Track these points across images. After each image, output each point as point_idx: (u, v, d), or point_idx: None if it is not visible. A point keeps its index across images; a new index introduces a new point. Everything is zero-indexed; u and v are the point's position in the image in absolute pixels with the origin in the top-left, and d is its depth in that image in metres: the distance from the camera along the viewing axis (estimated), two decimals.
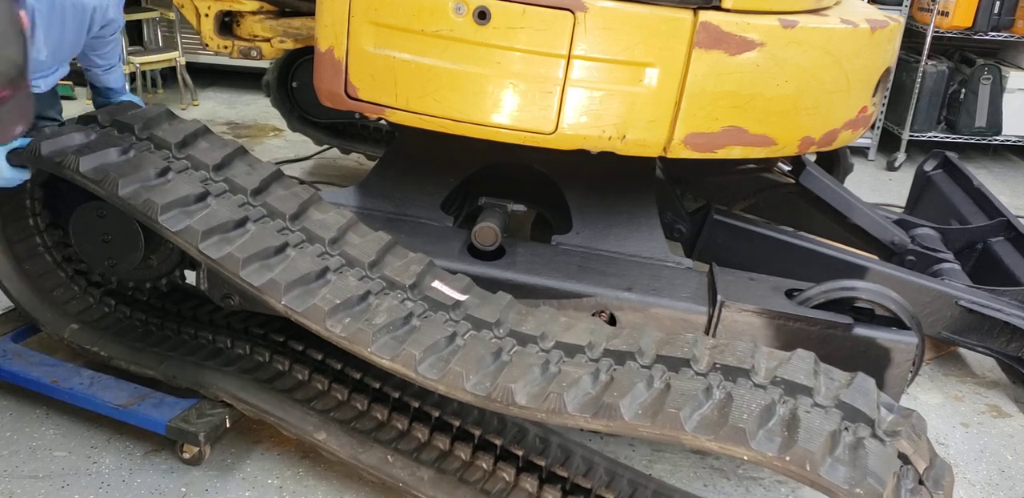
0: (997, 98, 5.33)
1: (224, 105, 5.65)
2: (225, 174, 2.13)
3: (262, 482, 2.20)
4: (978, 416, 2.80)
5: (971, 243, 3.25)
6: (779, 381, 1.72)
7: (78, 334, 2.40)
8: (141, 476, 2.18)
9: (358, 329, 1.91)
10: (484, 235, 2.38)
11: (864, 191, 4.64)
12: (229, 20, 2.81)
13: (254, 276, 1.94)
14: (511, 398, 1.77)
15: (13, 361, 2.36)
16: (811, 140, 2.31)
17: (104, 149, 2.09)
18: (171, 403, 2.21)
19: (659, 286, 2.30)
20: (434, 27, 2.10)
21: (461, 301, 2.00)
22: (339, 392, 2.23)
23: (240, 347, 2.35)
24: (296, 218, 2.10)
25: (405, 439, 2.15)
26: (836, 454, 1.60)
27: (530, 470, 2.08)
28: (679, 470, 2.37)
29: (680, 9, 2.07)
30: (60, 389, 2.27)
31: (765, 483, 2.35)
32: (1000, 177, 5.44)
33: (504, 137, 2.18)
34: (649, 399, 1.71)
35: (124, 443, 2.29)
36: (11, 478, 2.14)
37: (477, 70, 2.11)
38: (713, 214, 2.88)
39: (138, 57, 5.23)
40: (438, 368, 1.84)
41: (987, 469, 2.52)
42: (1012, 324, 2.67)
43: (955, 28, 5.23)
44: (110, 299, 2.51)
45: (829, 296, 2.24)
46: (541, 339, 1.90)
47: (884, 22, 2.39)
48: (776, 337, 2.18)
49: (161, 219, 1.97)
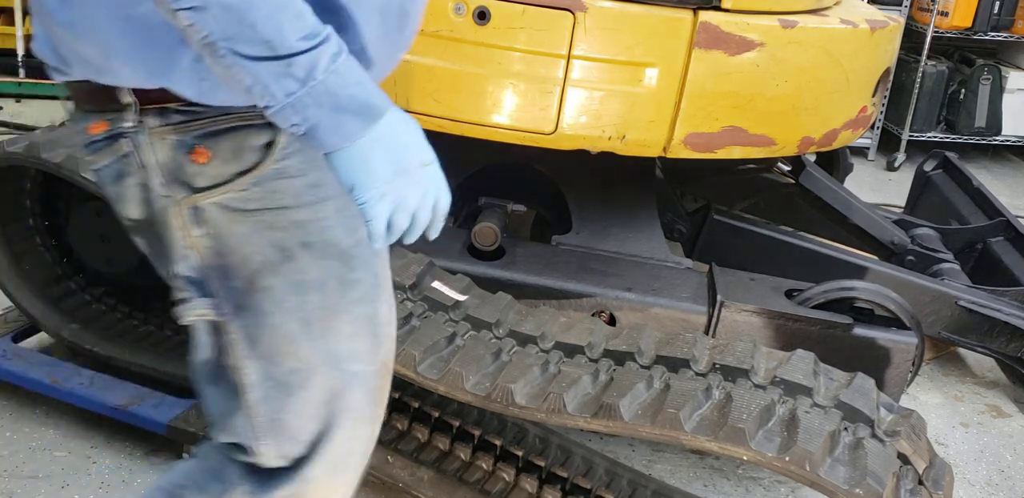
0: (997, 98, 5.33)
1: None
2: None
3: None
4: (978, 416, 2.79)
5: (971, 243, 3.25)
6: (779, 381, 1.72)
7: (78, 334, 2.40)
8: (141, 476, 2.18)
9: None
10: (484, 235, 2.38)
11: (864, 191, 4.64)
12: None
13: None
14: (511, 398, 1.77)
15: (13, 361, 2.35)
16: (811, 140, 2.31)
17: None
18: (171, 403, 2.21)
19: (659, 286, 2.30)
20: (434, 27, 2.10)
21: (461, 301, 2.00)
22: None
23: None
24: None
25: (405, 439, 2.14)
26: (836, 454, 1.60)
27: (530, 470, 2.08)
28: (679, 470, 2.37)
29: (680, 9, 2.07)
30: (60, 389, 2.26)
31: (765, 483, 2.35)
32: (1000, 177, 5.44)
33: (504, 137, 2.18)
34: (649, 399, 1.71)
35: (124, 443, 2.29)
36: (11, 478, 2.14)
37: (477, 70, 2.11)
38: (713, 214, 2.88)
39: None
40: (438, 368, 1.84)
41: (987, 469, 2.52)
42: (1012, 324, 2.66)
43: (955, 28, 5.23)
44: (110, 298, 2.51)
45: (829, 296, 2.24)
46: (541, 339, 1.90)
47: (884, 22, 2.39)
48: (776, 337, 2.18)
49: None
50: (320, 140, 0.98)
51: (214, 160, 1.05)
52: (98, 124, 1.08)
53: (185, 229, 1.08)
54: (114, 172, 1.10)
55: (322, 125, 0.96)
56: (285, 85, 0.93)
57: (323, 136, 0.97)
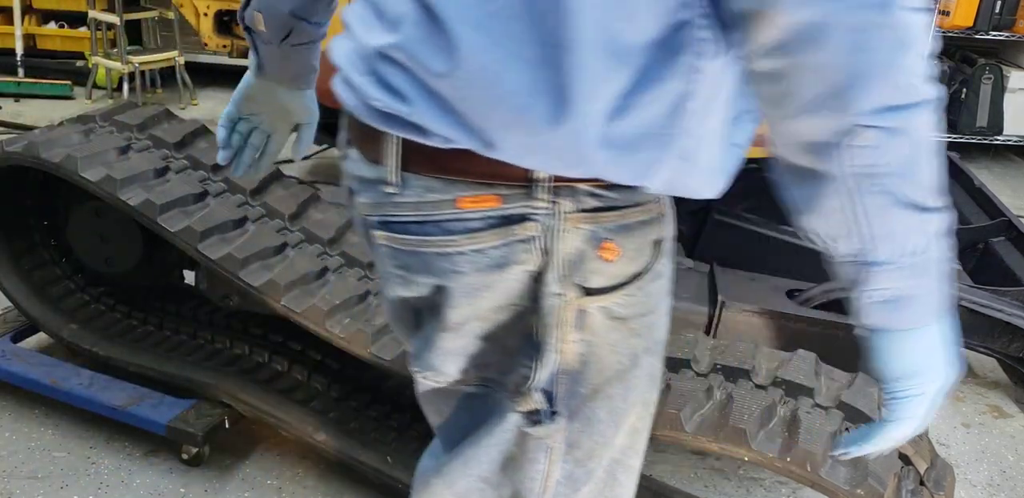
0: (998, 98, 5.33)
1: (223, 105, 5.54)
2: (224, 174, 2.13)
3: (261, 483, 2.20)
4: (979, 417, 2.79)
5: (972, 243, 3.24)
6: (779, 382, 1.71)
7: (77, 334, 2.40)
8: (140, 477, 2.18)
9: (358, 329, 1.90)
10: None
11: None
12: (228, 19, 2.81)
13: (253, 276, 1.94)
14: None
15: (12, 361, 2.35)
16: None
17: (102, 149, 2.08)
18: (170, 403, 2.21)
19: None
20: None
21: None
22: (338, 392, 2.23)
23: (239, 347, 2.35)
24: (295, 218, 2.10)
25: (405, 439, 2.14)
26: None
27: None
28: (679, 471, 2.36)
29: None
30: (59, 389, 2.26)
31: (766, 484, 2.34)
32: (1001, 177, 5.44)
33: None
34: None
35: (123, 443, 2.28)
36: (10, 478, 2.14)
37: None
38: (714, 214, 2.87)
39: (137, 57, 5.23)
40: None
41: (988, 470, 2.52)
42: (1013, 324, 2.66)
43: (956, 27, 5.23)
44: (109, 299, 2.50)
45: (830, 296, 2.23)
46: None
47: None
48: (777, 337, 2.17)
49: (160, 219, 1.97)
50: (901, 314, 0.84)
51: (621, 259, 0.90)
52: (482, 197, 0.87)
53: (562, 332, 0.91)
54: (497, 257, 0.89)
55: (918, 297, 0.83)
56: (915, 242, 0.80)
57: (911, 309, 0.84)
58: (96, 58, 5.26)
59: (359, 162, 0.96)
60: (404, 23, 0.83)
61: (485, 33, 0.79)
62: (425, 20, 0.81)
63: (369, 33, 0.88)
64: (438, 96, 0.83)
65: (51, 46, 5.87)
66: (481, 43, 0.79)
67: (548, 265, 0.89)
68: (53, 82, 5.45)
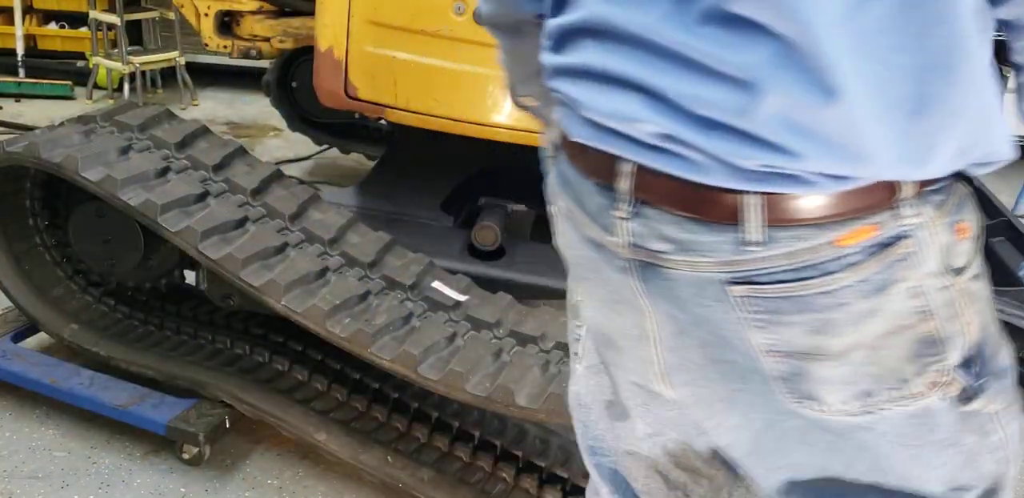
0: None
1: (224, 105, 5.64)
2: (225, 174, 2.13)
3: (262, 482, 2.20)
4: None
5: None
6: None
7: (78, 334, 2.40)
8: (141, 476, 2.18)
9: (358, 329, 1.91)
10: (484, 235, 2.38)
11: None
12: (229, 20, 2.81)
13: (253, 276, 1.94)
14: (511, 399, 1.77)
15: (12, 361, 2.35)
16: None
17: (103, 150, 2.09)
18: (171, 403, 2.21)
19: None
20: (434, 27, 2.10)
21: (461, 301, 2.00)
22: (339, 392, 2.23)
23: (240, 347, 2.35)
24: (296, 218, 2.10)
25: (405, 439, 2.14)
26: None
27: (530, 471, 2.08)
28: None
29: None
30: (60, 389, 2.26)
31: None
32: (1001, 177, 5.42)
33: (504, 137, 2.18)
34: None
35: (124, 443, 2.29)
36: (11, 478, 2.14)
37: (477, 70, 2.11)
38: None
39: (137, 57, 5.23)
40: (438, 369, 1.84)
41: None
42: (1013, 324, 2.66)
43: None
44: (110, 299, 2.51)
45: None
46: (541, 339, 1.90)
47: None
48: None
49: (160, 219, 1.97)
50: None
51: (971, 232, 0.93)
52: (859, 230, 0.86)
53: (958, 315, 0.93)
54: (876, 284, 0.88)
55: None
56: None
57: None
58: (97, 58, 5.26)
59: (677, 223, 0.92)
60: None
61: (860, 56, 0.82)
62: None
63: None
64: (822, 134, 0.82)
65: (52, 46, 5.88)
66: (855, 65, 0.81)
67: (925, 269, 0.89)
68: (54, 82, 5.45)
